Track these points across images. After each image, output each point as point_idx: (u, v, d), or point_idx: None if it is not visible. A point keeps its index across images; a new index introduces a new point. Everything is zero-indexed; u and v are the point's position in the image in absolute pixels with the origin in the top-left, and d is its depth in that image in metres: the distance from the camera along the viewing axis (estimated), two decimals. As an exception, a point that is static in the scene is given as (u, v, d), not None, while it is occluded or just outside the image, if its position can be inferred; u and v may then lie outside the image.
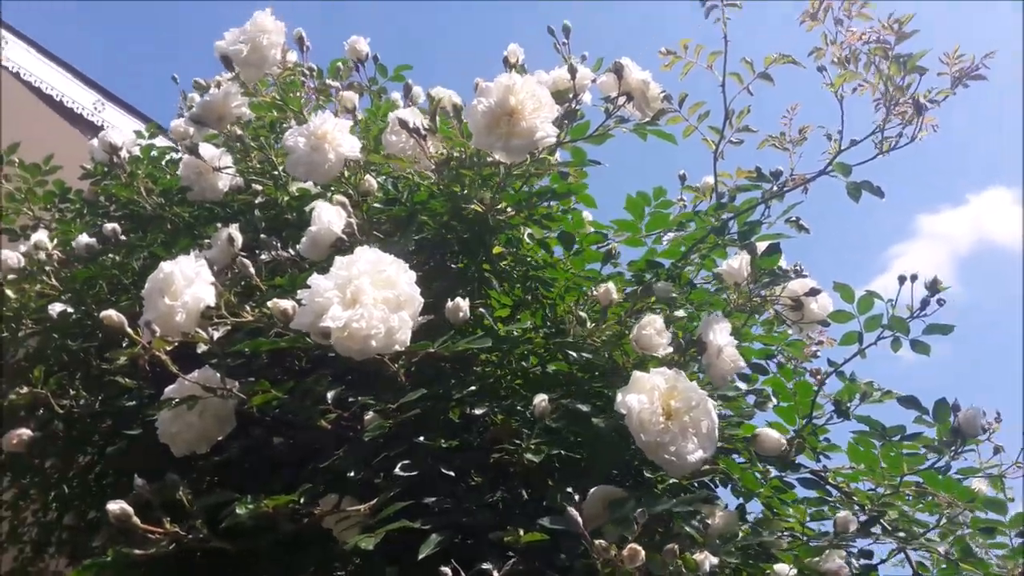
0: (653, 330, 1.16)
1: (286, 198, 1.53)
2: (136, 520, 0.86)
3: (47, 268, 1.50)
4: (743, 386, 1.42)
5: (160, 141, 2.00)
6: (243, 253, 1.35)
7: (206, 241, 1.43)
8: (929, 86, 1.40)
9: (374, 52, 1.87)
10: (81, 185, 1.97)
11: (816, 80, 1.50)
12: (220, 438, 1.15)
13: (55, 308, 1.41)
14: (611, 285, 1.22)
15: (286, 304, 0.97)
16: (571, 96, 1.36)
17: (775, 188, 1.53)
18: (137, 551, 0.86)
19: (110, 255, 1.49)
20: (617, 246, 1.38)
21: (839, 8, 1.38)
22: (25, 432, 1.23)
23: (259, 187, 1.63)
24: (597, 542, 0.90)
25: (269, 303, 0.99)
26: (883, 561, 1.29)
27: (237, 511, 0.90)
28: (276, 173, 1.61)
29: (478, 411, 1.28)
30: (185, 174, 1.58)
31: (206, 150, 1.55)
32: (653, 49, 1.54)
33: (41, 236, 1.59)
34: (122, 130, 1.81)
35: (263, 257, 1.32)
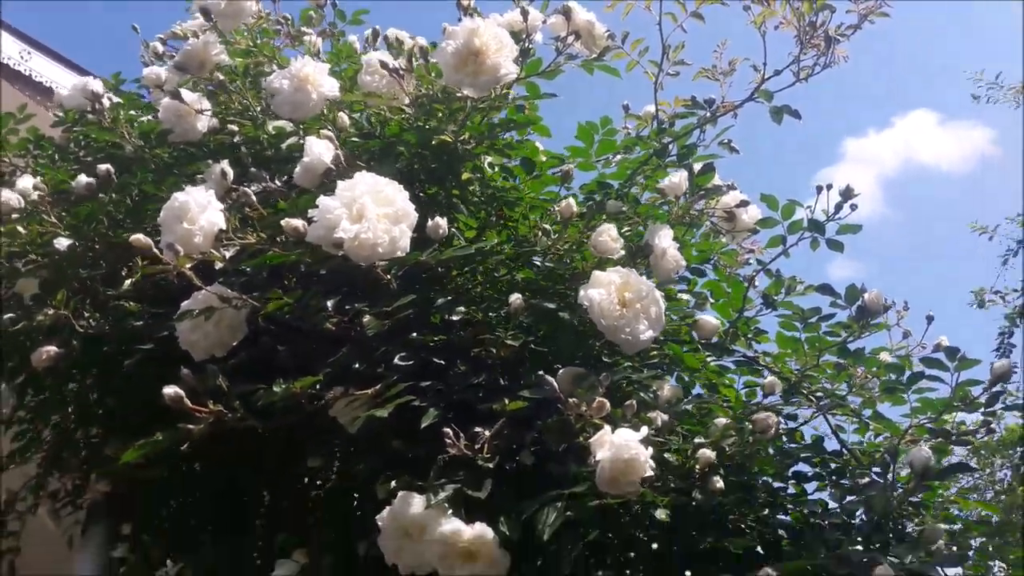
0: (609, 237, 1.36)
1: (265, 136, 1.67)
2: (187, 401, 1.03)
3: (43, 208, 1.62)
4: (684, 287, 1.63)
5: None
6: (233, 186, 1.49)
7: (199, 177, 1.56)
8: (840, 21, 1.61)
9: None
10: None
11: (744, 18, 1.69)
12: (234, 344, 1.31)
13: (61, 243, 1.54)
14: (572, 200, 1.41)
15: (297, 222, 1.13)
16: (524, 36, 1.52)
17: (709, 114, 1.73)
18: (191, 426, 1.03)
19: (103, 194, 1.61)
20: (573, 170, 1.56)
21: (759, -49, 1.56)
22: (52, 349, 1.37)
23: (235, 127, 1.76)
24: (571, 399, 1.10)
25: (282, 222, 1.14)
26: (806, 422, 1.54)
27: (274, 389, 1.07)
28: (251, 114, 1.74)
29: (455, 317, 1.47)
30: (165, 117, 1.69)
31: (186, 94, 1.67)
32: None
33: (32, 180, 1.69)
34: (96, 79, 1.88)
35: (253, 188, 1.47)
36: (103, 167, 1.58)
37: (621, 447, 1.06)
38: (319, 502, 1.63)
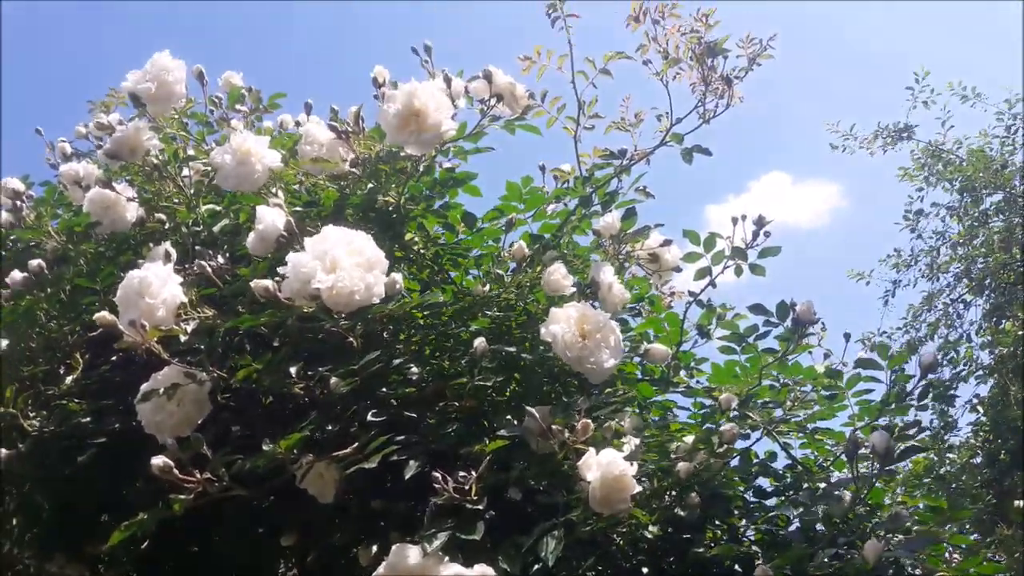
0: (559, 275, 1.42)
1: (200, 218, 1.67)
2: (176, 472, 1.00)
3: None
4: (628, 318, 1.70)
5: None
6: (177, 267, 1.48)
7: (139, 262, 1.53)
8: (732, 66, 1.77)
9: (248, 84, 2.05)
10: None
11: (644, 71, 1.84)
12: (199, 421, 1.28)
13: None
14: (522, 242, 1.47)
15: (266, 282, 1.14)
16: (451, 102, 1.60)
17: (624, 163, 1.84)
18: (182, 496, 1.00)
19: (35, 290, 1.56)
20: (516, 216, 1.62)
21: (655, 10, 1.71)
22: (2, 451, 1.30)
23: (163, 216, 1.75)
24: (554, 427, 1.13)
25: (252, 283, 1.15)
26: (756, 441, 1.61)
27: (264, 449, 1.06)
28: (179, 200, 1.74)
29: (412, 376, 1.48)
30: (92, 209, 1.67)
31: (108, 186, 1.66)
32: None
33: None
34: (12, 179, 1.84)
35: (203, 264, 1.45)
36: (34, 262, 1.54)
37: (609, 465, 1.09)
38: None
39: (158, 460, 1.00)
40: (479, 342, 1.32)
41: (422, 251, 1.62)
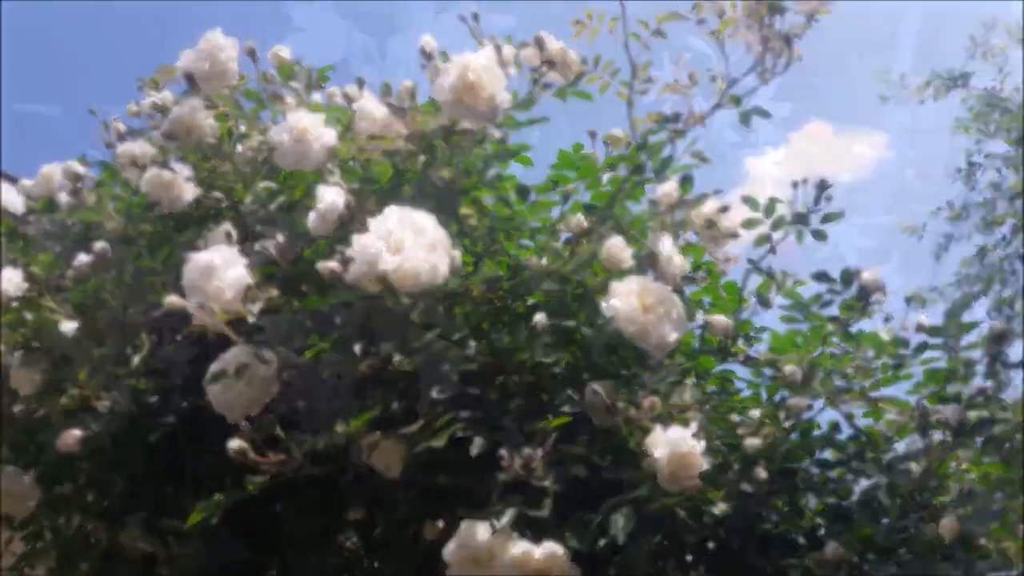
0: (618, 248, 1.41)
1: (257, 198, 1.67)
2: (252, 453, 1.02)
3: (38, 294, 1.58)
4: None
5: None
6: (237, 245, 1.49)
7: (199, 243, 1.55)
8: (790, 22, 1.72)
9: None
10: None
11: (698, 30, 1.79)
12: (267, 401, 1.30)
13: (67, 327, 1.51)
14: (580, 215, 1.45)
15: (332, 264, 1.15)
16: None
17: (680, 127, 1.80)
18: (259, 478, 1.02)
19: (101, 272, 1.59)
20: (571, 187, 1.60)
21: (711, -33, 1.66)
22: (76, 432, 1.34)
23: (219, 194, 1.77)
24: (619, 404, 1.13)
25: (318, 265, 1.16)
26: (819, 412, 1.58)
27: (337, 429, 1.08)
28: (234, 178, 1.75)
29: (471, 352, 1.49)
30: (151, 190, 1.69)
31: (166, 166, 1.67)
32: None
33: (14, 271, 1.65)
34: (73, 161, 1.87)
35: (266, 244, 1.47)
36: (99, 244, 1.57)
37: (677, 442, 1.09)
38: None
39: (234, 443, 1.02)
40: (539, 317, 1.32)
41: (475, 224, 1.61)
